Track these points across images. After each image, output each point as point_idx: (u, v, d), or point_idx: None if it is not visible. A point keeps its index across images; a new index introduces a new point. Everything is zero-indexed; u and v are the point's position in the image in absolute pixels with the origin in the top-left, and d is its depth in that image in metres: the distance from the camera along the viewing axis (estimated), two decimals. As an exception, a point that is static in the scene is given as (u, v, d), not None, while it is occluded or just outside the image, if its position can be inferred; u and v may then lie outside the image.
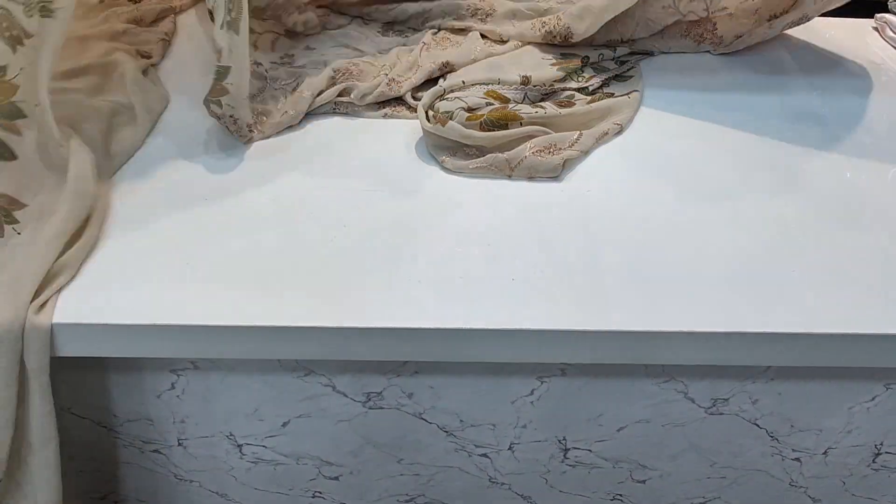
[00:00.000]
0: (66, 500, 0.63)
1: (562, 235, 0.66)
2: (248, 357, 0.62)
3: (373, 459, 0.72)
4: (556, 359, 0.62)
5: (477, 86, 0.80)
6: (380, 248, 0.64)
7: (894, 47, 0.98)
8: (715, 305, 0.60)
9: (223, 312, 0.57)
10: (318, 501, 0.77)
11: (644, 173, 0.74)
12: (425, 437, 0.70)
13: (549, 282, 0.61)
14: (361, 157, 0.74)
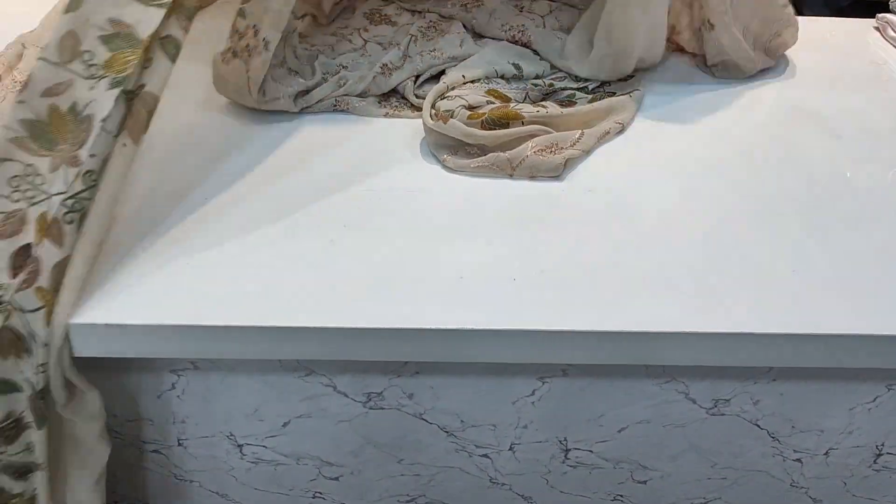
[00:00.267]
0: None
1: (563, 235, 0.66)
2: (249, 357, 0.61)
3: (373, 460, 0.72)
4: (558, 359, 0.62)
5: (478, 83, 0.80)
6: (380, 248, 0.63)
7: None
8: (717, 306, 0.60)
9: (223, 312, 0.57)
10: (318, 502, 0.77)
11: (645, 172, 0.74)
12: (426, 437, 0.70)
13: (550, 282, 0.61)
14: (363, 156, 0.74)
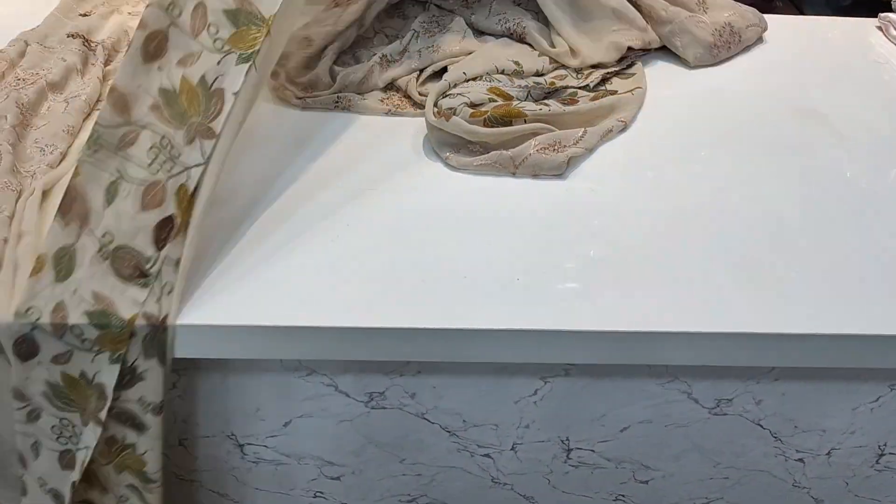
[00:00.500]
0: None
1: (565, 234, 0.66)
2: (250, 357, 0.61)
3: (375, 459, 0.72)
4: (560, 359, 0.62)
5: (480, 81, 0.80)
6: (382, 247, 0.63)
7: (898, 46, 0.98)
8: (719, 305, 0.60)
9: (224, 312, 0.57)
10: (319, 501, 0.77)
11: (648, 172, 0.74)
12: (427, 437, 0.70)
13: (552, 281, 0.61)
14: (364, 154, 0.74)
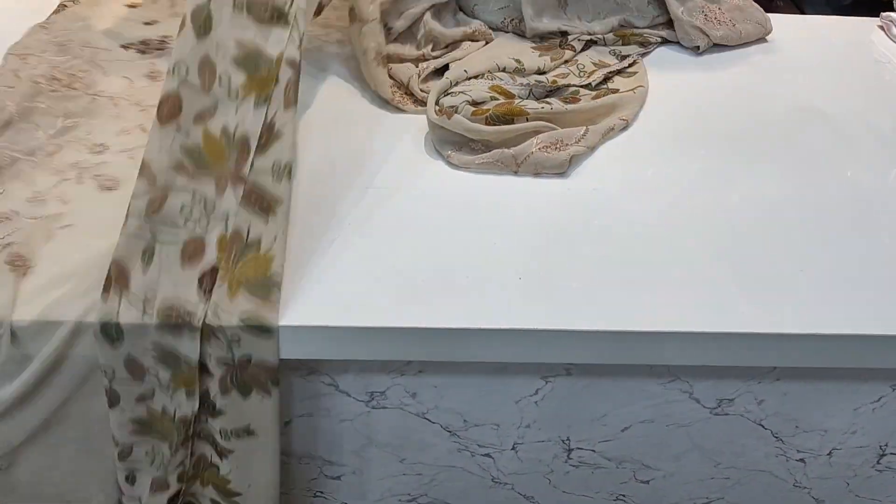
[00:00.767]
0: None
1: (568, 234, 0.65)
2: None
3: (375, 459, 0.72)
4: (561, 359, 0.62)
5: (481, 80, 0.80)
6: (384, 247, 0.63)
7: (899, 46, 0.97)
8: (720, 305, 0.60)
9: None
10: (319, 501, 0.77)
11: (649, 171, 0.74)
12: (428, 436, 0.70)
13: (553, 281, 0.61)
14: (365, 152, 0.74)
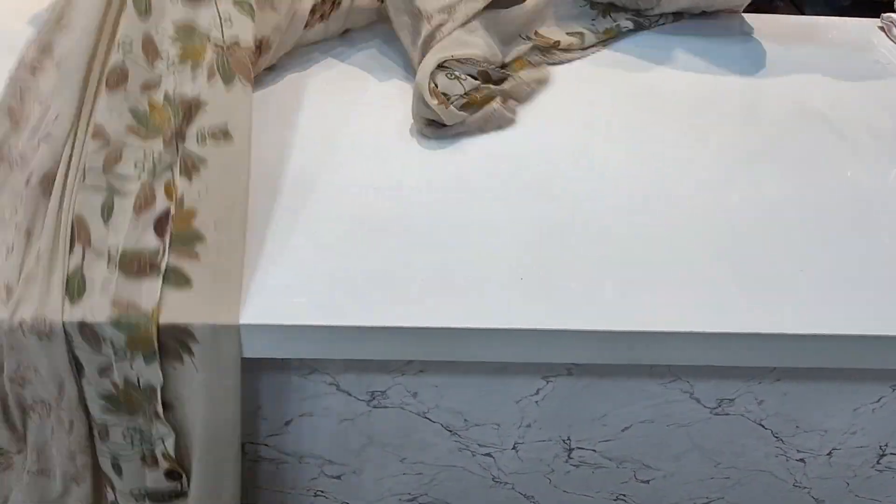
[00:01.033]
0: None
1: (569, 234, 0.65)
2: (251, 355, 0.61)
3: (376, 459, 0.72)
4: (562, 359, 0.62)
5: (470, 64, 0.80)
6: (385, 246, 0.63)
7: (900, 47, 0.97)
8: (721, 305, 0.60)
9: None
10: (319, 500, 0.77)
11: (651, 173, 0.74)
12: (429, 436, 0.70)
13: (555, 281, 0.61)
14: (369, 152, 0.73)
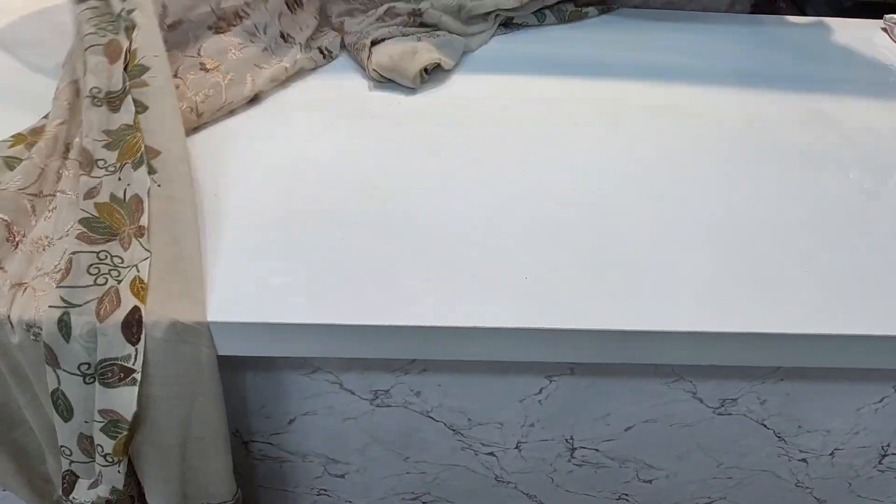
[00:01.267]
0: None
1: (574, 234, 0.66)
2: (256, 354, 0.61)
3: (379, 457, 0.72)
4: (566, 358, 0.62)
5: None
6: (389, 245, 0.63)
7: (902, 48, 0.98)
8: (724, 305, 0.60)
9: (230, 309, 0.57)
10: (323, 499, 0.77)
11: (653, 173, 0.74)
12: (432, 435, 0.70)
13: (560, 280, 0.61)
14: (372, 152, 0.74)
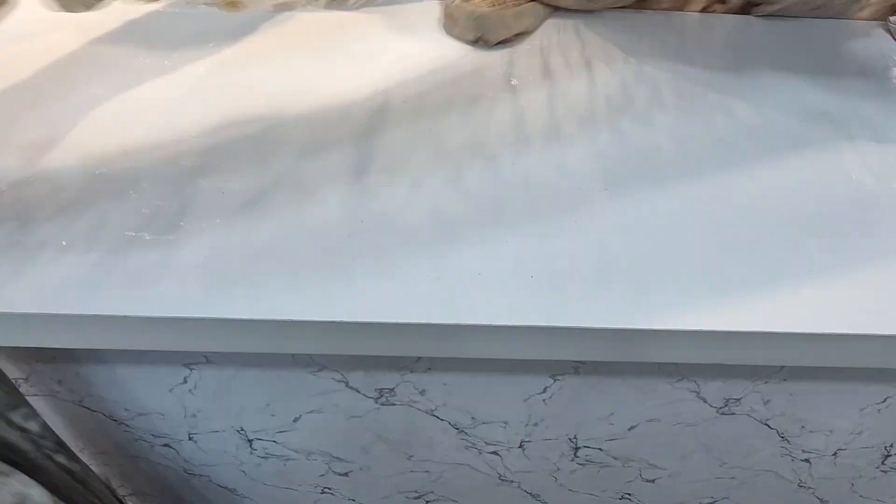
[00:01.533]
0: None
1: (579, 233, 0.66)
2: (261, 351, 0.61)
3: (383, 456, 0.72)
4: (570, 356, 0.62)
5: None
6: (394, 243, 0.63)
7: (906, 50, 0.98)
8: (729, 304, 0.60)
9: (236, 306, 0.57)
10: (326, 497, 0.77)
11: (655, 173, 0.74)
12: (436, 434, 0.70)
13: (565, 279, 0.61)
14: (375, 151, 0.74)
